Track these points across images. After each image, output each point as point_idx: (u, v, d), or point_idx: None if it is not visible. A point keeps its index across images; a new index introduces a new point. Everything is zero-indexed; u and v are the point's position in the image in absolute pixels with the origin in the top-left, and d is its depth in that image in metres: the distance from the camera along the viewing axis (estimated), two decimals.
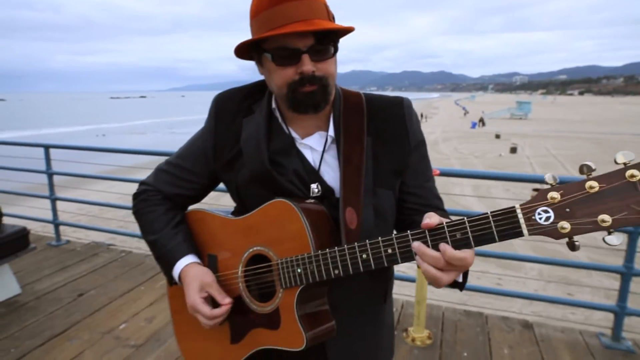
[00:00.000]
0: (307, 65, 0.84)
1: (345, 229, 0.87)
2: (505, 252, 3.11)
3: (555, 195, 0.65)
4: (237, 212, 1.05)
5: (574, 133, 35.44)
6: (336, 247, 0.83)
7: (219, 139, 1.00)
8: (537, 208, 0.66)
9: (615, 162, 0.62)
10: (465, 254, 0.72)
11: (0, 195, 4.65)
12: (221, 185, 1.09)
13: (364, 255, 0.80)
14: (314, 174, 0.94)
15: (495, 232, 0.69)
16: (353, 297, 0.98)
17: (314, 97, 0.87)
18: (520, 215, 0.67)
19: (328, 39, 0.86)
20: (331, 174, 0.94)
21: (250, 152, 0.95)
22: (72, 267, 3.79)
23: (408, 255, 0.77)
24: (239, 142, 0.97)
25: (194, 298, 0.95)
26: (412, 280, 2.91)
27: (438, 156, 22.07)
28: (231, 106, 1.01)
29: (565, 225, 0.64)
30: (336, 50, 0.89)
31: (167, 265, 1.02)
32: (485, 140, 29.57)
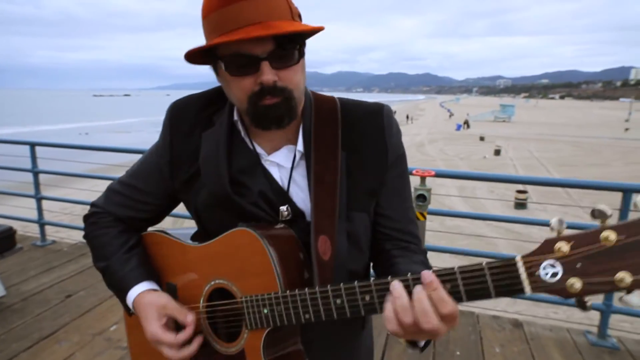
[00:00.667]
0: (267, 74, 0.72)
1: (318, 260, 0.76)
2: (489, 251, 3.16)
3: (564, 246, 0.55)
4: (198, 237, 0.95)
5: (555, 136, 36.26)
6: (307, 289, 0.72)
7: (175, 155, 0.88)
8: (543, 261, 0.56)
9: (635, 208, 0.52)
10: (453, 308, 0.61)
11: None
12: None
13: (338, 301, 0.69)
14: (283, 195, 0.83)
15: (491, 287, 0.58)
16: (330, 328, 0.85)
17: (276, 111, 0.75)
18: (522, 270, 0.57)
19: (292, 43, 0.74)
20: (301, 194, 0.84)
21: (209, 172, 0.84)
22: (59, 267, 3.70)
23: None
24: (198, 160, 0.85)
25: (153, 327, 0.83)
26: None
27: (424, 157, 22.30)
28: (188, 117, 0.89)
29: (576, 283, 0.54)
30: (301, 54, 0.77)
31: (120, 294, 0.91)
32: (470, 142, 30.03)
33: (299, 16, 0.78)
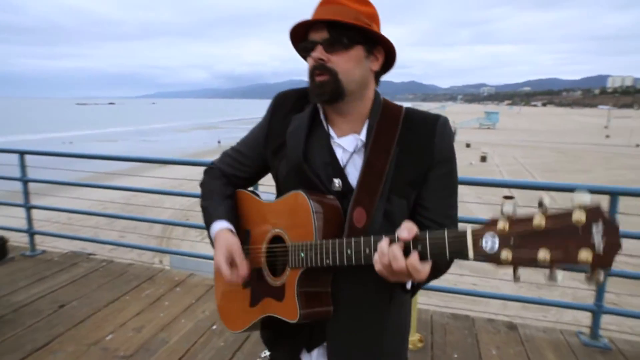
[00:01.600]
0: (317, 52, 0.96)
1: (350, 226, 0.95)
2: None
3: (505, 225, 0.68)
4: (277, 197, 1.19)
5: (539, 143, 37.02)
6: (330, 240, 0.92)
7: (271, 130, 1.13)
8: (486, 233, 0.70)
9: (573, 204, 0.63)
10: (424, 268, 0.79)
11: None
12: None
13: (349, 251, 0.88)
14: (339, 171, 1.02)
15: (447, 251, 0.75)
16: (356, 290, 1.03)
17: (322, 87, 0.96)
18: (469, 239, 0.71)
19: (342, 35, 0.94)
20: (355, 174, 1.01)
21: (291, 144, 1.06)
22: (50, 277, 3.63)
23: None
24: (285, 134, 1.08)
25: (219, 258, 1.06)
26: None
27: None
28: (287, 103, 1.13)
29: (507, 255, 0.67)
30: (354, 46, 0.96)
31: (208, 226, 1.15)
32: (456, 149, 30.42)
33: (375, 24, 0.98)
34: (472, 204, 13.67)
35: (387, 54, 1.03)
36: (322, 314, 1.01)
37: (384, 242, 0.82)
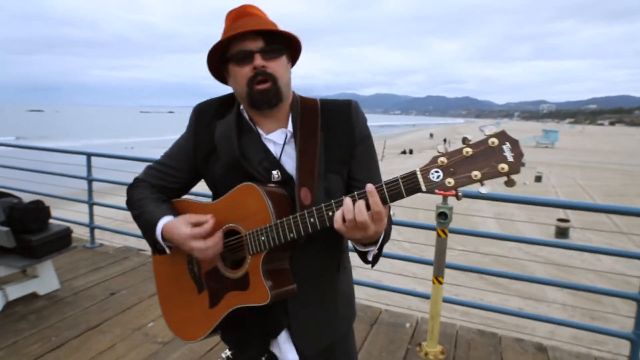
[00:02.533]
0: (258, 60, 1.04)
1: (300, 204, 1.05)
2: (524, 274, 3.16)
3: (443, 159, 0.86)
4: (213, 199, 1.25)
5: (603, 164, 34.52)
6: (290, 216, 1.01)
7: (198, 139, 1.19)
8: (431, 169, 0.87)
9: (484, 134, 0.85)
10: (385, 213, 0.92)
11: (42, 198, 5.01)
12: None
13: (312, 219, 0.98)
14: (275, 163, 1.12)
15: (403, 190, 0.89)
16: (310, 265, 1.14)
17: (267, 94, 1.05)
18: (419, 176, 0.87)
19: (275, 43, 1.06)
20: (290, 163, 1.12)
21: (223, 145, 1.13)
22: (104, 268, 4.04)
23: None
24: (214, 140, 1.15)
25: (184, 230, 1.08)
26: (427, 297, 3.00)
27: None
28: (208, 112, 1.20)
29: (450, 180, 0.85)
30: (283, 53, 1.08)
31: (150, 229, 1.15)
32: None
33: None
34: (521, 223, 13.06)
35: (293, 57, 1.16)
36: (288, 292, 1.09)
37: (348, 200, 0.92)
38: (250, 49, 1.05)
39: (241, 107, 1.17)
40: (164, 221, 1.14)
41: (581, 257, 10.14)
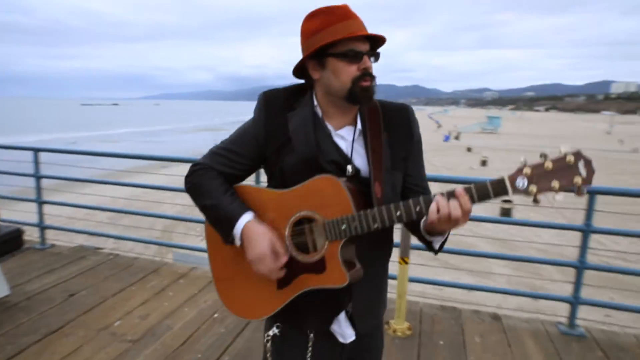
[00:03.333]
0: (368, 62, 1.15)
1: (375, 197, 1.15)
2: (471, 249, 3.39)
3: (527, 170, 1.01)
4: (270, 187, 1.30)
5: (541, 147, 36.93)
6: (376, 208, 1.10)
7: (269, 128, 1.22)
8: (517, 177, 1.02)
9: (560, 151, 1.01)
10: (470, 207, 1.05)
11: None
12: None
13: (398, 212, 1.09)
14: (347, 159, 1.21)
15: (491, 193, 1.03)
16: (370, 250, 1.24)
17: (369, 91, 1.16)
18: (507, 183, 1.02)
19: (377, 46, 1.18)
20: (359, 159, 1.21)
21: (300, 139, 1.19)
22: (60, 269, 3.83)
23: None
24: (287, 132, 1.20)
25: (265, 249, 1.15)
26: (394, 278, 3.15)
27: None
28: (278, 102, 1.24)
29: (533, 188, 1.01)
30: (378, 58, 1.20)
31: (228, 223, 1.19)
32: (457, 153, 30.57)
33: None
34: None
35: None
36: (359, 275, 1.18)
37: (440, 197, 1.05)
38: (361, 50, 1.14)
39: (315, 102, 1.23)
40: (246, 219, 1.18)
41: (522, 235, 10.97)
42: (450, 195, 1.05)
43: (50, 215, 4.59)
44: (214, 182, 1.23)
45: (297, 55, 1.21)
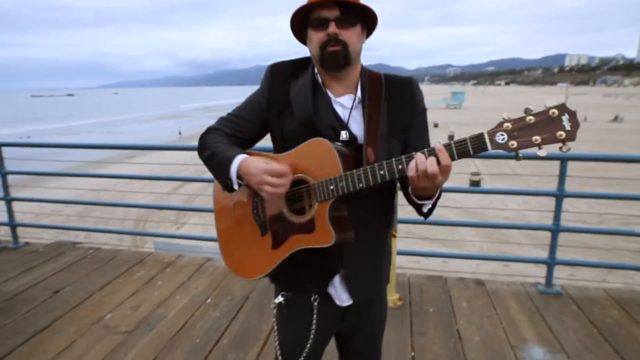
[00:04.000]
0: (332, 27, 1.16)
1: (366, 161, 1.17)
2: (447, 219, 3.52)
3: (508, 125, 0.98)
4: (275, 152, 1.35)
5: None
6: (361, 168, 1.11)
7: (272, 95, 1.30)
8: (497, 132, 0.99)
9: (545, 106, 0.97)
10: (451, 164, 1.04)
11: None
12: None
13: (382, 172, 1.09)
14: (344, 125, 1.24)
15: (470, 149, 1.01)
16: (366, 219, 1.26)
17: (336, 56, 1.17)
18: (486, 137, 1.00)
19: (351, 13, 1.17)
20: (356, 126, 1.24)
21: (299, 103, 1.24)
22: (38, 267, 3.69)
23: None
24: (288, 97, 1.26)
25: (261, 165, 1.15)
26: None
27: None
28: (283, 71, 1.31)
29: (514, 143, 0.98)
30: (357, 23, 1.20)
31: (224, 167, 1.21)
32: None
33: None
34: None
35: (369, 29, 1.29)
36: (348, 238, 1.20)
37: (420, 154, 1.04)
38: (327, 17, 1.16)
39: (316, 70, 1.27)
40: (242, 157, 1.21)
41: (492, 205, 11.46)
42: (431, 152, 1.04)
43: (19, 212, 4.38)
44: (217, 138, 1.30)
45: (261, 38, 1.10)
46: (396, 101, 1.26)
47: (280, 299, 1.35)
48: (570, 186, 3.03)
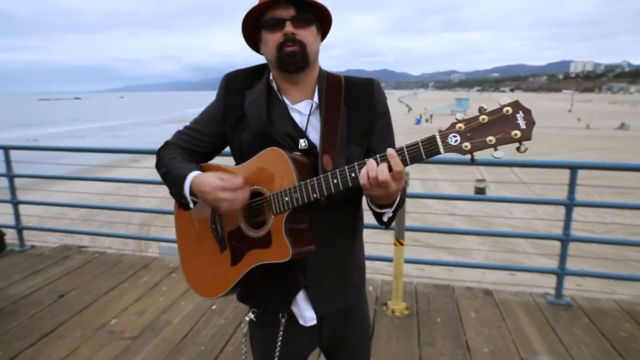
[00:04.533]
0: (288, 27, 1.10)
1: (322, 170, 1.11)
2: (452, 227, 3.48)
3: (461, 125, 0.93)
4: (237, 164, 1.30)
5: None
6: (314, 178, 1.06)
7: (227, 106, 1.24)
8: (450, 134, 0.93)
9: (499, 104, 0.91)
10: (404, 173, 0.98)
11: None
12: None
13: (335, 180, 1.04)
14: (301, 133, 1.18)
15: (422, 152, 0.95)
16: (329, 230, 1.21)
17: (294, 56, 1.11)
18: (438, 140, 0.94)
19: (307, 12, 1.12)
20: (314, 133, 1.18)
21: (253, 113, 1.19)
22: (44, 270, 3.69)
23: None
24: (243, 108, 1.21)
25: (214, 182, 1.10)
26: (390, 260, 3.21)
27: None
28: (237, 81, 1.25)
29: (467, 144, 0.92)
30: (313, 23, 1.14)
31: (178, 183, 1.18)
32: None
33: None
34: (444, 186, 14.19)
35: (323, 32, 1.23)
36: (308, 252, 1.14)
37: (372, 161, 0.98)
38: (282, 17, 1.10)
39: (271, 77, 1.21)
40: (194, 174, 1.17)
41: (497, 213, 11.38)
42: (383, 158, 0.98)
43: (26, 215, 4.39)
44: (172, 154, 1.26)
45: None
46: (356, 105, 1.20)
47: (251, 315, 1.30)
48: (577, 194, 2.99)
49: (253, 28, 1.17)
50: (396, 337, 2.72)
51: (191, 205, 1.19)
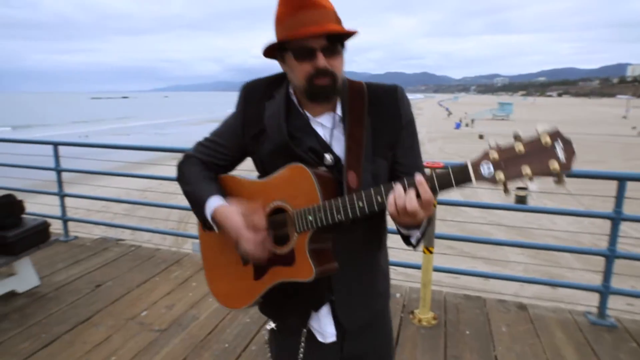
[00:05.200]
0: (321, 60, 1.03)
1: (347, 187, 1.07)
2: (491, 237, 3.34)
3: (495, 155, 0.88)
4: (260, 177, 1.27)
5: None
6: (339, 198, 1.02)
7: (247, 118, 1.20)
8: (482, 163, 0.88)
9: (536, 132, 0.85)
10: (432, 198, 0.93)
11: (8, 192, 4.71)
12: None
13: (360, 203, 1.00)
14: (326, 147, 1.13)
15: (453, 181, 0.91)
16: (354, 244, 1.17)
17: (326, 90, 1.06)
18: (470, 169, 0.89)
19: (337, 40, 1.05)
20: (338, 147, 1.13)
21: (272, 127, 1.14)
22: (84, 260, 3.89)
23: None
24: (263, 120, 1.16)
25: (237, 219, 1.08)
26: (418, 267, 3.13)
27: (424, 156, 22.25)
28: (256, 91, 1.21)
29: (501, 175, 0.87)
30: (343, 49, 1.09)
31: (200, 207, 1.17)
32: (468, 141, 30.20)
33: (341, 22, 1.08)
34: (483, 195, 13.69)
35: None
36: (330, 269, 1.11)
37: (399, 186, 0.94)
38: (313, 47, 1.03)
39: (290, 90, 1.17)
40: (215, 205, 1.15)
41: (539, 223, 10.84)
42: (411, 183, 0.93)
43: (69, 207, 4.65)
44: (194, 169, 1.24)
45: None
46: (381, 115, 1.14)
47: (272, 324, 1.28)
48: (628, 208, 2.78)
49: (275, 46, 1.11)
50: (421, 348, 2.64)
51: (216, 229, 1.17)
